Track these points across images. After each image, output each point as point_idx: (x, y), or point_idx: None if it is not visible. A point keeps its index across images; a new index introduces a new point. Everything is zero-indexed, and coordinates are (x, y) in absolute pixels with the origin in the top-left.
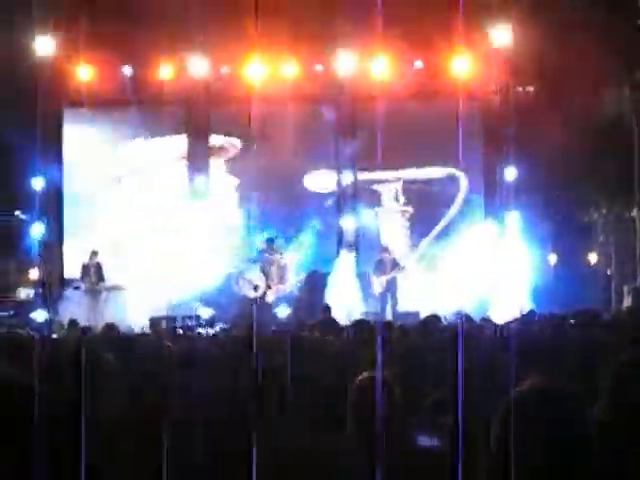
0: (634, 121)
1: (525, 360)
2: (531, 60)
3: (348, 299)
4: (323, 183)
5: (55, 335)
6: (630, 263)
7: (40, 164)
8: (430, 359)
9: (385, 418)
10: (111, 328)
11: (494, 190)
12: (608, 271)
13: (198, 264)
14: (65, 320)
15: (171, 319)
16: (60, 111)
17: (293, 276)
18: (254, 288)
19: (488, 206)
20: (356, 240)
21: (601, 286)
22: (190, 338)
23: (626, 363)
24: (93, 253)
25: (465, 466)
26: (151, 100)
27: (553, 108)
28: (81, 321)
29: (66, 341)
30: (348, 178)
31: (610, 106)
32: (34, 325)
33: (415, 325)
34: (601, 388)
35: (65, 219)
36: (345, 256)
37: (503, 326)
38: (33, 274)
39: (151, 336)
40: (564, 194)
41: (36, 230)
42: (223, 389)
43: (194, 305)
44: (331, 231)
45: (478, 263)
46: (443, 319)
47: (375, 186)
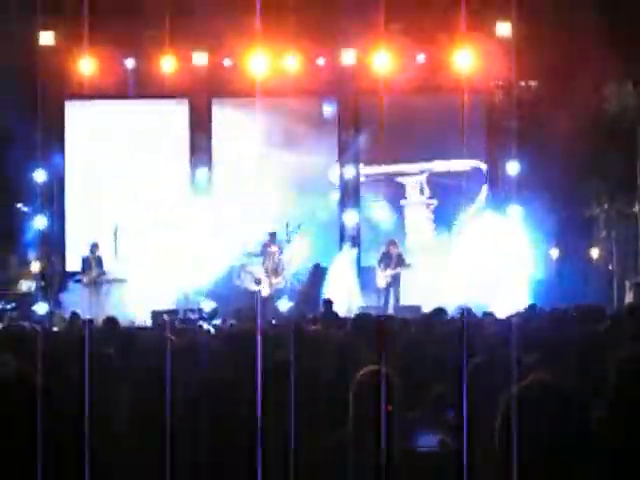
0: (637, 116)
1: (526, 355)
2: (534, 55)
3: (349, 293)
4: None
5: (56, 328)
6: (632, 258)
7: (42, 156)
8: (432, 353)
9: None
10: (112, 321)
11: (497, 184)
12: (610, 266)
13: (200, 257)
14: (66, 313)
15: (173, 312)
16: (62, 103)
17: (290, 269)
18: (256, 281)
19: (490, 200)
20: (358, 234)
21: (603, 281)
22: (192, 331)
23: (627, 359)
24: (94, 246)
25: (469, 461)
26: (153, 93)
27: (556, 103)
28: (82, 314)
29: (67, 335)
30: (350, 172)
31: (613, 101)
32: (35, 318)
33: (417, 319)
34: (603, 384)
35: (67, 211)
36: (347, 250)
37: (504, 320)
38: (34, 267)
39: (153, 329)
40: (566, 189)
41: (38, 222)
42: (224, 383)
43: (196, 298)
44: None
45: (480, 257)
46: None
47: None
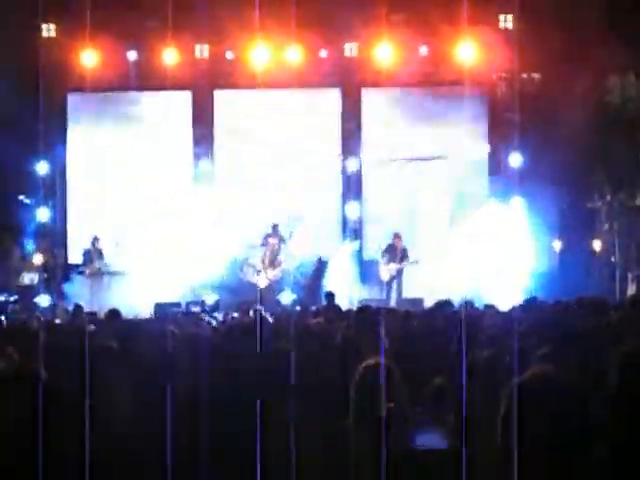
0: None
1: (527, 348)
2: (536, 47)
3: (350, 286)
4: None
5: (59, 320)
6: (634, 250)
7: (44, 149)
8: (434, 345)
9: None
10: (114, 314)
11: (499, 176)
12: (612, 258)
13: (202, 249)
14: (68, 305)
15: (175, 305)
16: (65, 96)
17: (291, 263)
18: (257, 274)
19: (493, 192)
20: (361, 226)
21: (605, 273)
22: (195, 324)
23: (630, 353)
24: (95, 238)
25: (470, 455)
26: (155, 85)
27: (558, 95)
28: (85, 306)
29: (71, 328)
30: (354, 164)
31: (615, 93)
32: (38, 310)
33: (420, 312)
34: (604, 378)
35: (69, 203)
36: (348, 242)
37: (505, 313)
38: (37, 259)
39: (155, 321)
40: (569, 181)
41: (40, 214)
42: (228, 374)
43: (201, 291)
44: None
45: (483, 249)
46: None
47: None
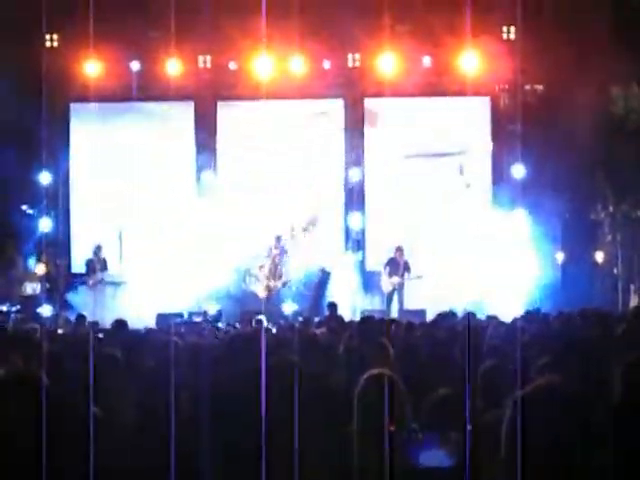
0: None
1: (530, 359)
2: (539, 58)
3: (353, 296)
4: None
5: (61, 330)
6: (637, 262)
7: (47, 159)
8: (437, 356)
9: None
10: (121, 324)
11: (502, 187)
12: (615, 270)
13: (205, 260)
14: (71, 315)
15: (178, 315)
16: (68, 106)
17: (293, 274)
18: (260, 284)
19: (496, 203)
20: (363, 237)
21: (608, 285)
22: (197, 334)
23: (633, 364)
24: (98, 248)
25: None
26: (158, 95)
27: (561, 106)
28: (87, 316)
29: (73, 337)
30: (356, 175)
31: (618, 104)
32: (40, 320)
33: (422, 323)
34: (608, 390)
35: (72, 213)
36: (351, 253)
37: (508, 324)
38: (39, 269)
39: (158, 332)
40: (572, 192)
41: (43, 224)
42: (230, 386)
43: (201, 301)
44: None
45: (485, 260)
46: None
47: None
